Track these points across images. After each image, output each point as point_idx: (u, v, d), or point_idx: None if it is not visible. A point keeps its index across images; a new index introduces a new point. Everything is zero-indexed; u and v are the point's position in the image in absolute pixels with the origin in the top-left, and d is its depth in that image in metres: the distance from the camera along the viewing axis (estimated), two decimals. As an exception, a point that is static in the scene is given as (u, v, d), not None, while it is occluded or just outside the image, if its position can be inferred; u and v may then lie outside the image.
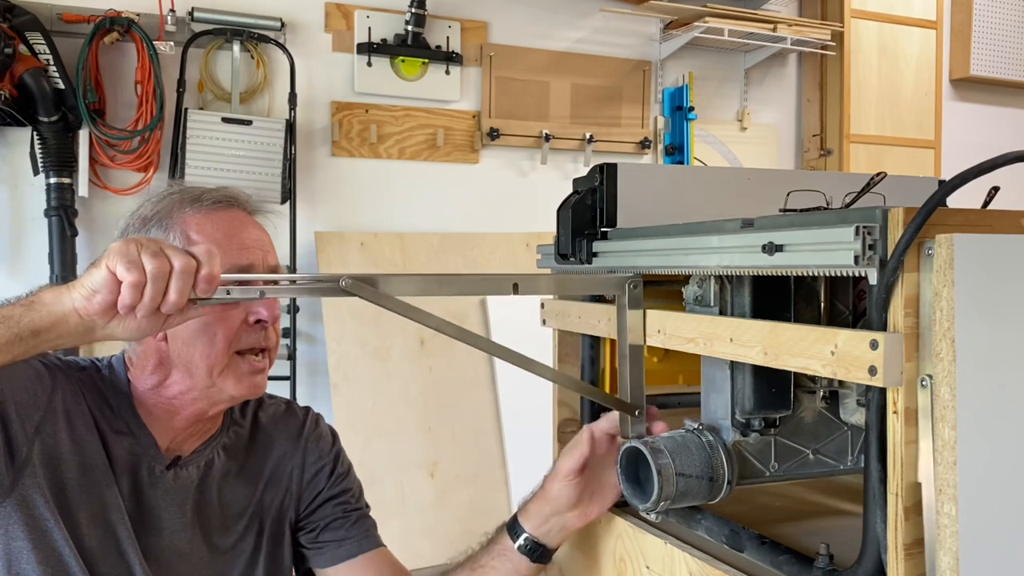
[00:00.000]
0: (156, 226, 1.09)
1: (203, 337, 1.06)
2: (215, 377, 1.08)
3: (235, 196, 1.14)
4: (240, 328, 1.08)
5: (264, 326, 1.10)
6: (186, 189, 1.14)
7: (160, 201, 1.11)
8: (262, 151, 2.90)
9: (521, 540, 1.12)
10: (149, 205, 1.11)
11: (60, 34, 2.69)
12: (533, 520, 1.12)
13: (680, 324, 0.96)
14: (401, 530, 2.77)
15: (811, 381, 0.96)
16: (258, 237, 1.13)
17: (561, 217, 1.16)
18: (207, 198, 1.11)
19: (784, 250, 0.79)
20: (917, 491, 0.70)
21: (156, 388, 1.10)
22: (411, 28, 3.15)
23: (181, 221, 1.08)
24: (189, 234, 1.07)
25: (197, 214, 1.09)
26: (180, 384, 1.09)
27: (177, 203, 1.10)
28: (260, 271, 1.10)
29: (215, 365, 1.07)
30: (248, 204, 1.16)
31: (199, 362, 1.07)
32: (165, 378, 1.09)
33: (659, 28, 3.62)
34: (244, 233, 1.11)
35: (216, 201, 1.11)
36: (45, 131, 2.64)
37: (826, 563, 0.83)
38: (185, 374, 1.08)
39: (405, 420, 2.97)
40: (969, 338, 0.67)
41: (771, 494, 1.18)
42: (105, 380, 1.10)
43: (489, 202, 3.39)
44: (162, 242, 0.87)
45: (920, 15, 3.98)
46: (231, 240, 1.09)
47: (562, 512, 1.10)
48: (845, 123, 3.81)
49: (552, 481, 1.10)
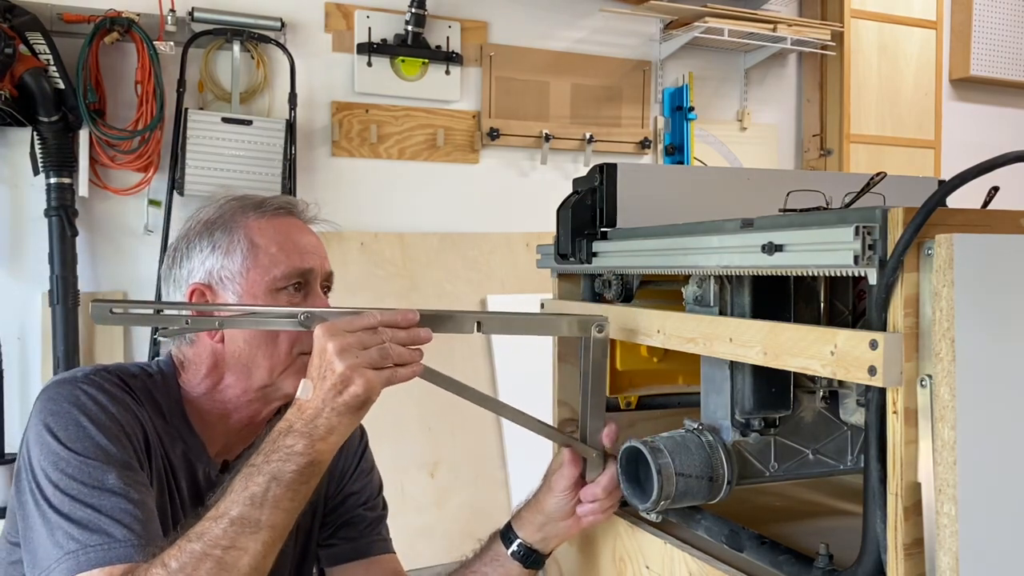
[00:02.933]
0: (220, 230, 1.11)
1: (265, 337, 1.08)
2: (276, 377, 1.09)
3: (294, 204, 1.19)
4: (302, 331, 1.09)
5: None
6: (247, 196, 1.17)
7: (222, 206, 1.14)
8: (262, 151, 2.90)
9: (514, 547, 1.13)
10: (211, 210, 1.14)
11: (60, 34, 2.69)
12: (527, 528, 1.13)
13: (680, 324, 0.96)
14: (401, 530, 2.76)
15: (811, 381, 0.96)
16: (316, 244, 1.16)
17: (561, 217, 1.16)
18: (269, 205, 1.15)
19: (784, 250, 0.79)
20: (917, 491, 0.70)
21: (210, 391, 1.11)
22: (411, 28, 3.15)
23: (244, 226, 1.11)
24: (252, 237, 1.10)
25: (260, 219, 1.12)
26: (236, 387, 1.10)
27: (239, 209, 1.13)
28: (319, 275, 1.14)
29: (277, 366, 1.09)
30: (305, 213, 1.19)
31: (262, 362, 1.08)
32: (219, 380, 1.10)
33: (659, 28, 3.62)
34: (304, 240, 1.14)
35: (278, 208, 1.15)
36: (45, 131, 2.64)
37: (826, 563, 0.83)
38: (242, 375, 1.09)
39: (405, 420, 2.97)
40: (969, 338, 0.67)
41: (771, 494, 1.18)
42: (157, 386, 1.10)
43: (489, 202, 3.39)
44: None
45: (920, 15, 3.98)
46: (292, 245, 1.12)
47: (556, 521, 1.11)
48: (845, 123, 3.81)
49: (547, 495, 1.11)
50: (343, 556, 1.27)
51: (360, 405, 0.90)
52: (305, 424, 0.90)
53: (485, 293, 3.19)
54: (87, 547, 0.89)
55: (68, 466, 0.94)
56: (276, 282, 1.09)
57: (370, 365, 0.89)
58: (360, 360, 0.89)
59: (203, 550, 0.86)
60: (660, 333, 1.00)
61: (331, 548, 1.28)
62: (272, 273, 1.09)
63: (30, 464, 0.96)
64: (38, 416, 0.98)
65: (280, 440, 0.90)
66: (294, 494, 0.89)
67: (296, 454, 0.89)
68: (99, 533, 0.90)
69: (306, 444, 0.89)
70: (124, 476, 0.96)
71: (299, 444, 0.89)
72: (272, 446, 0.90)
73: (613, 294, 1.11)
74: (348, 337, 0.90)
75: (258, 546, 0.87)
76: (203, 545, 0.86)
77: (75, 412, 0.98)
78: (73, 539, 0.90)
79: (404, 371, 0.93)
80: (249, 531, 0.87)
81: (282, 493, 0.88)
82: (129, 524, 0.92)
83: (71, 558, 0.89)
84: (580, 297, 1.24)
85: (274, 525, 0.88)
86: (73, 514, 0.91)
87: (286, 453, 0.89)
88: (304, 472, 0.89)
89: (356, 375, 0.88)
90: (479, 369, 3.13)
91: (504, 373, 3.11)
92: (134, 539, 0.91)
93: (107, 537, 0.90)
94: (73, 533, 0.90)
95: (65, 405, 0.98)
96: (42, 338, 2.72)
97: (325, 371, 0.90)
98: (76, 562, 0.89)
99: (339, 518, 1.27)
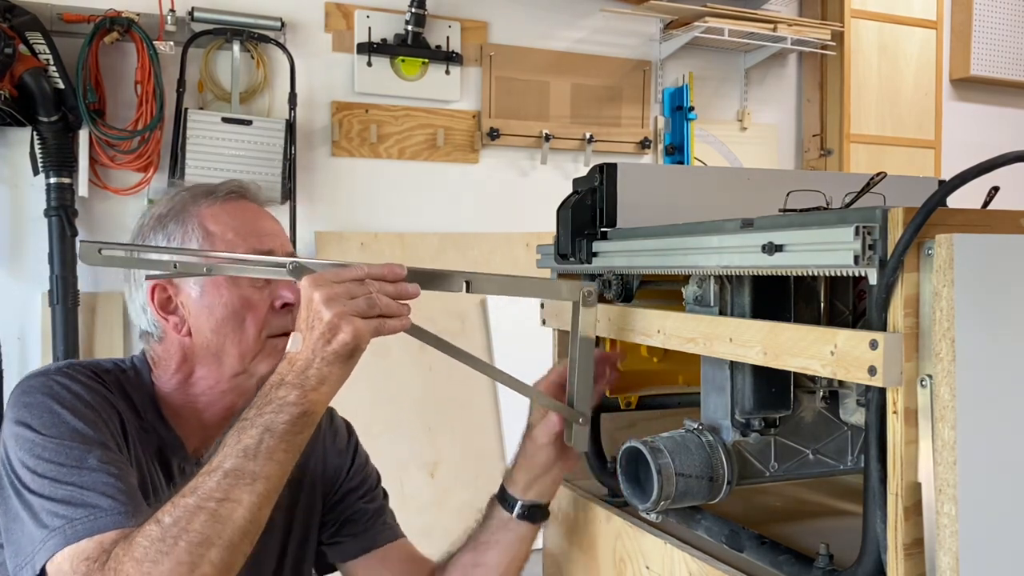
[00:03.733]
0: (173, 222, 1.10)
1: (232, 324, 1.07)
2: (248, 363, 1.09)
3: (246, 188, 1.17)
4: (268, 314, 1.09)
5: (291, 310, 1.11)
6: (197, 185, 1.16)
7: (173, 198, 1.13)
8: (262, 151, 2.90)
9: (518, 509, 1.14)
10: (163, 204, 1.13)
11: (60, 34, 2.69)
12: (522, 487, 1.13)
13: (680, 324, 0.96)
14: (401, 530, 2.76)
15: (811, 381, 0.96)
16: (273, 226, 1.15)
17: (561, 217, 1.16)
18: (220, 191, 1.13)
19: (784, 250, 0.79)
20: (917, 491, 0.70)
21: (182, 386, 1.10)
22: (411, 28, 3.15)
23: (197, 214, 1.10)
24: (206, 225, 1.09)
25: (212, 206, 1.11)
26: (207, 378, 1.10)
27: (190, 198, 1.12)
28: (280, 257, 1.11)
29: (248, 352, 1.08)
30: (258, 195, 1.18)
31: (231, 350, 1.08)
32: (190, 374, 1.10)
33: (659, 28, 3.62)
34: (260, 222, 1.13)
35: (229, 192, 1.13)
36: (45, 131, 2.64)
37: (826, 563, 0.83)
38: (213, 366, 1.09)
39: (405, 420, 2.97)
40: (969, 338, 0.67)
41: (771, 494, 1.18)
42: (130, 381, 1.10)
43: (489, 202, 3.39)
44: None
45: (920, 15, 3.98)
46: (248, 229, 1.10)
47: (549, 469, 1.12)
48: (845, 123, 3.81)
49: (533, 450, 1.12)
50: (352, 551, 1.27)
51: (350, 354, 0.90)
52: (296, 375, 0.89)
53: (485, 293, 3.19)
54: (73, 521, 0.88)
55: (44, 451, 0.93)
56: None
57: (357, 313, 0.88)
58: (347, 308, 0.88)
59: (197, 503, 0.85)
60: (660, 333, 1.00)
61: (338, 546, 1.27)
62: None
63: (7, 459, 0.95)
64: (11, 411, 0.97)
65: (272, 392, 0.89)
66: (288, 445, 0.88)
67: (289, 404, 0.88)
68: (84, 507, 0.89)
69: (298, 395, 0.89)
70: (104, 455, 0.95)
71: (291, 395, 0.89)
72: (264, 399, 0.90)
73: (613, 294, 1.11)
74: (335, 287, 0.89)
75: (252, 498, 0.86)
76: (197, 499, 0.85)
77: (48, 401, 0.97)
78: (58, 516, 0.89)
79: (392, 323, 0.92)
80: (243, 483, 0.86)
81: (275, 444, 0.87)
82: (114, 495, 0.91)
83: (57, 534, 0.88)
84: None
85: (268, 476, 0.87)
86: (55, 494, 0.90)
87: (279, 404, 0.88)
88: (297, 423, 0.89)
89: (344, 323, 0.88)
90: (479, 369, 3.13)
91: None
92: (121, 508, 0.90)
93: (93, 508, 0.89)
94: (57, 511, 0.89)
95: (38, 396, 0.98)
96: (42, 338, 2.72)
97: (313, 321, 0.89)
98: (63, 537, 0.87)
99: (340, 515, 1.27)
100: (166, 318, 1.09)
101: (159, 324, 1.09)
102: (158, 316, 1.09)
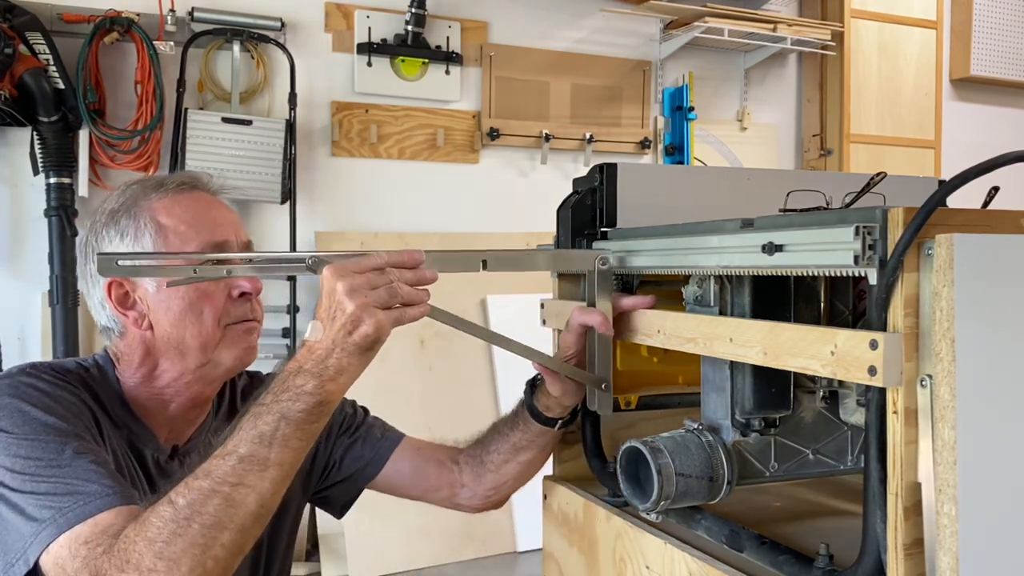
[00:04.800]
0: (125, 216, 1.09)
1: (190, 317, 1.07)
2: (210, 353, 1.09)
3: (197, 178, 1.16)
4: (226, 303, 1.09)
5: (248, 299, 1.11)
6: (147, 178, 1.15)
7: (123, 193, 1.12)
8: (262, 151, 2.90)
9: (559, 424, 1.19)
10: (114, 199, 1.12)
11: (60, 34, 2.69)
12: (556, 411, 1.17)
13: (680, 324, 0.96)
14: (401, 530, 2.76)
15: (811, 381, 0.96)
16: (227, 215, 1.14)
17: (561, 217, 1.16)
18: (170, 182, 1.12)
19: (784, 250, 0.79)
20: (917, 491, 0.70)
21: (146, 380, 1.10)
22: (411, 28, 3.15)
23: (148, 208, 1.09)
24: (158, 219, 1.08)
25: (163, 199, 1.10)
26: (171, 371, 1.09)
27: (141, 192, 1.11)
28: (235, 246, 1.11)
29: (208, 342, 1.08)
30: (210, 185, 1.16)
31: (191, 341, 1.08)
32: (154, 368, 1.10)
33: (659, 28, 3.62)
34: (213, 212, 1.12)
35: (180, 184, 1.12)
36: (45, 131, 2.64)
37: (826, 563, 0.83)
38: (176, 359, 1.09)
39: (405, 420, 2.96)
40: (969, 338, 0.67)
41: (771, 494, 1.18)
42: (95, 379, 1.09)
43: (489, 202, 3.39)
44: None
45: (920, 15, 3.98)
46: (202, 219, 1.10)
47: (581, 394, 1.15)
48: (845, 123, 3.81)
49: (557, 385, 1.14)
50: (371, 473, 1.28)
51: (370, 345, 0.90)
52: (315, 364, 0.90)
53: (485, 293, 3.19)
54: (63, 510, 0.88)
55: (20, 449, 0.92)
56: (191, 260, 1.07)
57: (380, 305, 0.89)
58: (370, 300, 0.89)
59: (211, 487, 0.85)
60: (660, 333, 1.00)
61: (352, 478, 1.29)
62: (185, 251, 1.07)
63: None
64: None
65: (290, 380, 0.90)
66: (303, 433, 0.89)
67: (306, 394, 0.89)
68: (71, 495, 0.89)
69: (316, 384, 0.89)
70: (80, 446, 0.94)
71: (309, 384, 0.89)
72: (281, 386, 0.90)
73: (613, 294, 1.11)
74: (357, 277, 0.90)
75: (266, 484, 0.87)
76: (211, 482, 0.86)
77: (15, 402, 0.96)
78: (46, 507, 0.88)
79: (412, 311, 0.93)
80: (257, 469, 0.86)
81: (291, 432, 0.88)
82: (98, 480, 0.91)
83: (49, 525, 0.87)
84: (580, 297, 1.23)
85: (282, 463, 0.88)
86: (38, 488, 0.89)
87: (296, 392, 0.89)
88: (313, 412, 0.89)
89: (366, 315, 0.88)
90: (479, 369, 3.13)
91: (504, 372, 3.11)
92: (108, 490, 0.90)
93: (81, 495, 0.89)
94: (44, 503, 0.88)
95: (4, 399, 0.97)
96: (42, 338, 2.72)
97: (335, 312, 0.89)
98: (56, 527, 0.87)
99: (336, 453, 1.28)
100: (125, 314, 1.08)
101: (119, 320, 1.09)
102: (117, 312, 1.08)
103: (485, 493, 1.28)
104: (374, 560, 2.77)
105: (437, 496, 1.30)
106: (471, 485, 1.28)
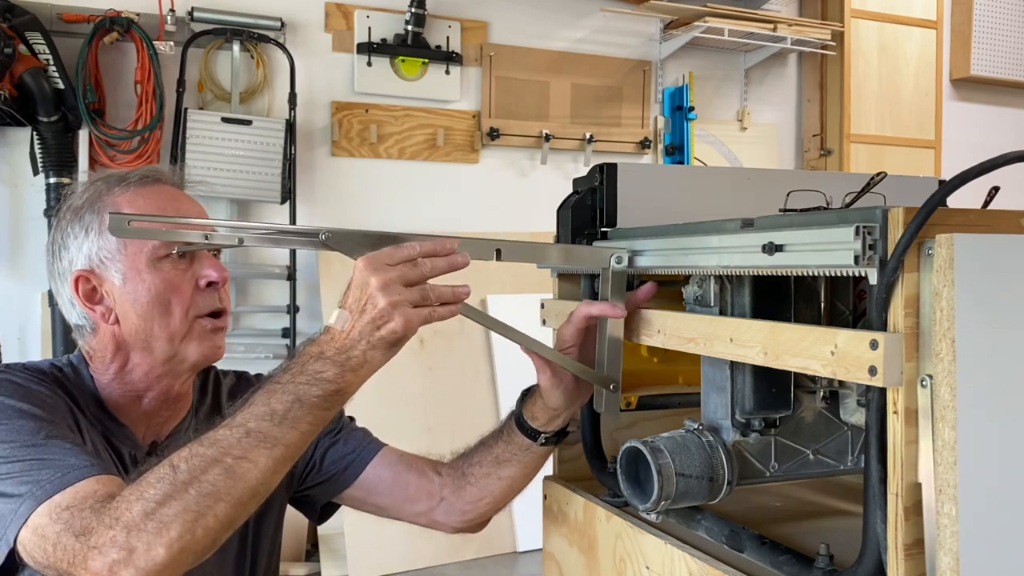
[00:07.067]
0: (89, 212, 1.09)
1: (157, 309, 1.07)
2: (177, 345, 1.08)
3: (160, 171, 1.15)
4: (193, 294, 1.09)
5: (216, 288, 1.11)
6: (111, 174, 1.14)
7: (87, 189, 1.12)
8: (262, 151, 2.90)
9: (541, 439, 1.15)
10: (78, 195, 1.12)
11: (60, 34, 2.69)
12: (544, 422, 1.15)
13: (680, 324, 0.96)
14: (401, 530, 2.76)
15: (811, 381, 0.96)
16: (192, 207, 1.13)
17: (561, 217, 1.16)
18: (133, 176, 1.12)
19: (784, 250, 0.79)
20: (917, 491, 0.70)
21: (119, 376, 1.10)
22: (411, 28, 3.15)
23: (112, 202, 1.08)
24: (122, 212, 1.07)
25: (126, 192, 1.09)
26: (142, 365, 1.09)
27: (105, 187, 1.11)
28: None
29: (176, 333, 1.08)
30: (174, 178, 1.16)
31: (159, 333, 1.07)
32: (125, 363, 1.10)
33: (659, 28, 3.62)
34: (178, 204, 1.12)
35: (143, 177, 1.12)
36: (45, 131, 2.64)
37: (826, 563, 0.83)
38: (145, 352, 1.08)
39: (405, 420, 2.97)
40: (969, 338, 0.67)
41: (771, 494, 1.18)
42: (69, 378, 1.09)
43: (489, 202, 3.39)
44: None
45: (920, 15, 3.98)
46: (166, 211, 1.09)
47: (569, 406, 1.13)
48: (845, 123, 3.81)
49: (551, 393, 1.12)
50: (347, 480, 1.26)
51: (396, 342, 0.90)
52: (338, 353, 0.89)
53: (485, 293, 3.19)
54: (40, 482, 0.87)
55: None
56: (156, 251, 1.07)
57: (411, 303, 0.89)
58: (402, 297, 0.88)
59: (215, 455, 0.85)
60: (660, 333, 1.00)
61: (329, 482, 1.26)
62: (150, 243, 1.06)
63: None
64: None
65: (310, 364, 0.89)
66: (314, 418, 0.89)
67: (325, 380, 0.88)
68: (49, 468, 0.88)
69: (336, 372, 0.89)
70: (54, 431, 0.94)
71: (330, 371, 0.89)
72: (300, 368, 0.89)
73: (613, 294, 1.11)
74: (391, 272, 0.89)
75: (269, 462, 0.86)
76: (216, 451, 0.85)
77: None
78: (24, 483, 0.87)
79: (443, 310, 0.92)
80: (264, 445, 0.86)
81: (303, 415, 0.88)
82: (77, 455, 0.90)
83: (27, 498, 0.86)
84: (580, 297, 1.23)
85: (288, 444, 0.87)
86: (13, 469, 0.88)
87: (314, 377, 0.88)
88: (329, 399, 0.89)
89: (397, 312, 0.88)
90: (480, 368, 3.13)
91: (504, 372, 3.11)
92: (87, 462, 0.89)
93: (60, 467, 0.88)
94: (22, 478, 0.87)
95: None
96: (42, 338, 2.72)
97: (365, 304, 0.88)
98: (33, 499, 0.86)
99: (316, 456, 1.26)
100: (93, 308, 1.08)
101: (88, 316, 1.09)
102: (85, 307, 1.08)
103: (463, 508, 1.25)
104: (374, 560, 2.77)
105: (414, 509, 1.28)
106: (450, 498, 1.25)
